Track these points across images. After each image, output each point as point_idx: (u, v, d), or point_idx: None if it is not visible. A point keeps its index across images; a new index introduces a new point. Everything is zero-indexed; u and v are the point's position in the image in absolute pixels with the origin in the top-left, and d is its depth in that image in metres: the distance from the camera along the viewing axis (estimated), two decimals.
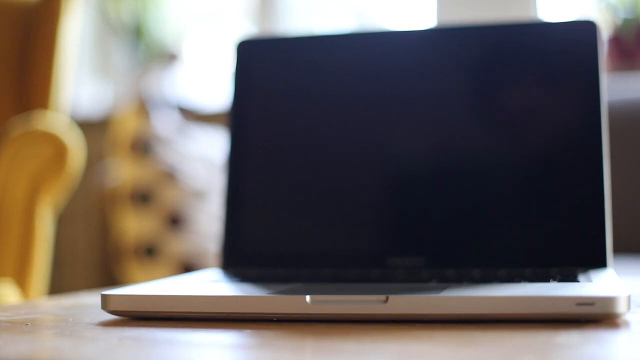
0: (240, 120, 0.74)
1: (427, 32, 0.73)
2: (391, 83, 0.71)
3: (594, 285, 0.51)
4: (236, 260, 0.71)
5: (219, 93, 2.47)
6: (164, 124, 1.84)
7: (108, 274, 1.88)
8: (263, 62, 0.75)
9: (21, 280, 1.39)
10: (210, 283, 0.59)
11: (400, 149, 0.70)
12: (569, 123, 0.67)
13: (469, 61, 0.70)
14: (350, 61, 0.72)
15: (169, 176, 1.78)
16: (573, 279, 0.56)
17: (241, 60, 0.75)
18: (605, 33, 2.14)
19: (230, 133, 0.74)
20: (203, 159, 1.86)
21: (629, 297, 0.47)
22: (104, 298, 0.53)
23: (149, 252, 1.75)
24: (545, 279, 0.57)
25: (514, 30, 0.70)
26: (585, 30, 0.68)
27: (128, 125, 1.80)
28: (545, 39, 0.69)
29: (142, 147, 1.78)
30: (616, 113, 1.71)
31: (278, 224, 0.71)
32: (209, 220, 1.79)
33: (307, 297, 0.50)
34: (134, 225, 1.76)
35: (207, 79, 2.61)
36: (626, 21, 2.14)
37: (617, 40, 2.14)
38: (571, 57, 0.68)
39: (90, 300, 0.65)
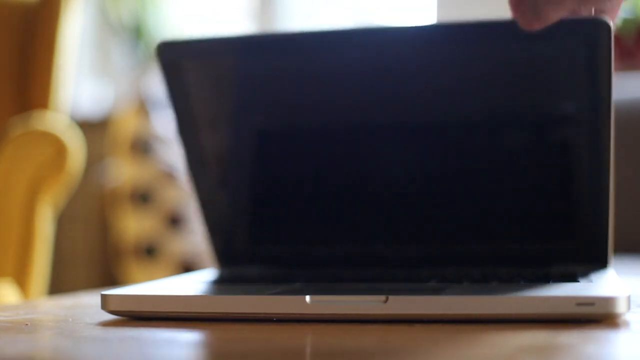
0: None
1: (427, 30, 0.72)
2: (388, 83, 0.71)
3: (594, 285, 0.51)
4: (235, 260, 0.71)
5: None
6: (164, 124, 1.84)
7: (108, 274, 1.88)
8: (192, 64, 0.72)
9: (21, 280, 1.39)
10: (210, 283, 0.59)
11: (400, 149, 0.70)
12: (572, 123, 0.67)
13: (470, 60, 0.70)
14: (299, 60, 0.71)
15: (169, 176, 1.78)
16: (573, 279, 0.56)
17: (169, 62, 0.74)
18: None
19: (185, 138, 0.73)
20: None
21: (629, 297, 0.47)
22: (104, 298, 0.53)
23: (149, 252, 1.75)
24: (545, 279, 0.57)
25: (517, 28, 0.70)
26: (596, 29, 0.67)
27: (128, 125, 1.80)
28: (550, 38, 0.69)
29: (142, 147, 1.78)
30: (616, 113, 1.70)
31: (277, 224, 0.71)
32: None
33: (307, 297, 0.50)
34: (133, 225, 1.76)
35: None
36: (626, 21, 2.14)
37: (617, 40, 2.14)
38: (581, 56, 0.67)
39: (90, 300, 0.65)
